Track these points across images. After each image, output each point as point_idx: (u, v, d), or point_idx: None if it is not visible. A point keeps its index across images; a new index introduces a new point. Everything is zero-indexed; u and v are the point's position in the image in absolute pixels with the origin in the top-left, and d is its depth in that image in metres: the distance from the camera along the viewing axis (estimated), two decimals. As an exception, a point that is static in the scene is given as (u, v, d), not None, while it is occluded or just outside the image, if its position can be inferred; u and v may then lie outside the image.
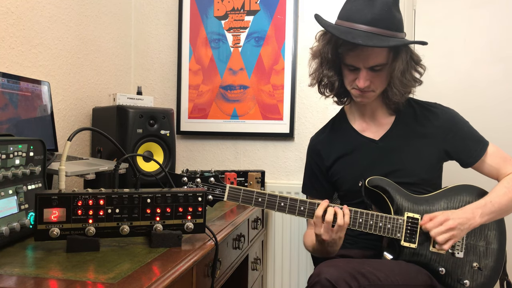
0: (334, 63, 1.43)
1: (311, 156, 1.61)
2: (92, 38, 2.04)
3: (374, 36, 1.30)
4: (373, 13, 1.32)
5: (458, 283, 1.34)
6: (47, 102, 1.57)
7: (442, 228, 1.28)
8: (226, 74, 2.30)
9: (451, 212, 1.32)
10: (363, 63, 1.36)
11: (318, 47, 1.45)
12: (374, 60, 1.35)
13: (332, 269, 1.16)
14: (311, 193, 1.63)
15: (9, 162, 1.01)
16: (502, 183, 1.42)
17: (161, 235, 1.04)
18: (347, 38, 1.30)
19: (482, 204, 1.34)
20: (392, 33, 1.33)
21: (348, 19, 1.35)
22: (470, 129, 1.48)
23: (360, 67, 1.37)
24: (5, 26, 1.54)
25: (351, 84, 1.42)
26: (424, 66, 1.43)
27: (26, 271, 0.85)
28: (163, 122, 1.82)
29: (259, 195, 1.31)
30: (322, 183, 1.58)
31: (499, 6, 2.15)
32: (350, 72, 1.41)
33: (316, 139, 1.62)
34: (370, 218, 1.33)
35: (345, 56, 1.39)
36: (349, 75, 1.41)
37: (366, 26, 1.31)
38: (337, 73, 1.45)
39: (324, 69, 1.45)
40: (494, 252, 1.39)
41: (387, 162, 1.45)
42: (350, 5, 1.38)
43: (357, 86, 1.39)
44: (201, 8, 2.32)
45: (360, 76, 1.37)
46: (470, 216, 1.31)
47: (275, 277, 2.20)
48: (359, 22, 1.33)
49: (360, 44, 1.29)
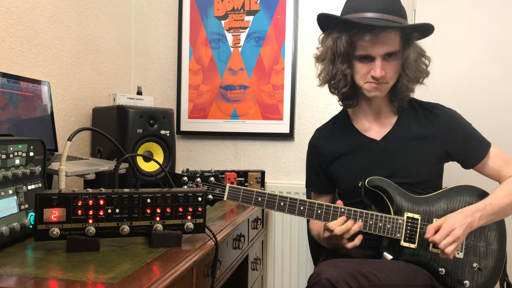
0: (347, 55, 1.41)
1: (311, 151, 1.61)
2: (92, 38, 2.04)
3: (388, 22, 1.33)
4: (383, 1, 1.34)
5: (458, 284, 1.34)
6: (47, 102, 1.57)
7: (450, 239, 1.25)
8: (226, 74, 2.30)
9: (453, 218, 1.30)
10: (378, 50, 1.36)
11: (327, 45, 1.43)
12: (388, 47, 1.36)
13: (332, 269, 1.16)
14: (311, 188, 1.65)
15: (9, 162, 1.01)
16: (503, 185, 1.42)
17: (161, 235, 1.04)
18: (364, 22, 1.31)
19: (482, 207, 1.33)
20: (403, 20, 1.36)
21: (358, 10, 1.36)
22: (472, 131, 1.48)
23: (375, 56, 1.37)
24: (5, 26, 1.54)
25: (364, 77, 1.41)
26: (429, 57, 1.45)
27: (26, 271, 0.85)
28: (163, 122, 1.82)
29: (259, 195, 1.31)
30: (321, 178, 1.59)
31: (499, 6, 2.15)
32: (363, 64, 1.40)
33: (317, 135, 1.62)
34: (369, 218, 1.33)
35: (359, 46, 1.37)
36: (362, 68, 1.40)
37: (378, 14, 1.33)
38: (350, 66, 1.43)
39: (336, 63, 1.42)
40: (494, 253, 1.39)
41: (388, 163, 1.45)
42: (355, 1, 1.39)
43: (371, 79, 1.39)
44: (201, 8, 2.32)
45: (376, 65, 1.37)
46: (471, 220, 1.30)
47: (275, 277, 2.20)
48: (370, 11, 1.34)
49: (378, 25, 1.31)
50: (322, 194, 1.63)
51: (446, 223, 1.28)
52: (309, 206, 1.32)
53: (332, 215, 1.33)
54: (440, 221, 1.30)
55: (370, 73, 1.39)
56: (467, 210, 1.32)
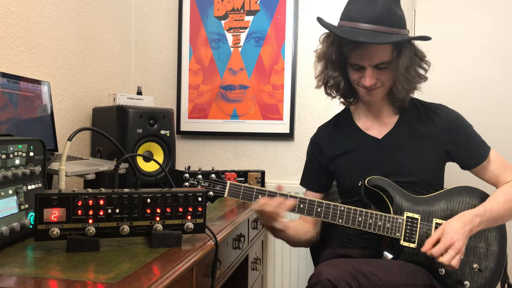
0: (338, 63, 1.43)
1: (312, 149, 1.61)
2: (92, 38, 2.04)
3: (377, 34, 1.31)
4: (374, 11, 1.32)
5: (458, 284, 1.34)
6: (47, 102, 1.57)
7: (452, 253, 1.22)
8: (226, 74, 2.30)
9: (451, 227, 1.27)
10: (368, 61, 1.36)
11: (323, 49, 1.45)
12: (378, 58, 1.35)
13: (332, 269, 1.16)
14: (306, 185, 1.64)
15: (9, 162, 1.01)
16: (501, 190, 1.41)
17: (161, 235, 1.04)
18: (349, 37, 1.31)
19: (481, 212, 1.32)
20: (395, 30, 1.34)
21: (350, 19, 1.36)
22: (474, 133, 1.48)
23: (365, 66, 1.37)
24: (5, 26, 1.54)
25: (357, 82, 1.42)
26: (429, 62, 1.43)
27: (26, 271, 0.85)
28: (163, 122, 1.82)
29: (259, 192, 1.32)
30: (318, 177, 1.58)
31: (499, 6, 2.15)
32: (355, 71, 1.41)
33: (319, 133, 1.62)
34: (369, 217, 1.33)
35: (349, 56, 1.39)
36: (354, 74, 1.41)
37: (368, 25, 1.32)
38: (342, 73, 1.45)
39: (329, 70, 1.45)
40: (494, 254, 1.38)
41: (389, 161, 1.45)
42: (351, 6, 1.38)
43: (363, 85, 1.40)
44: (201, 8, 2.32)
45: (366, 75, 1.37)
46: (471, 227, 1.28)
47: (275, 277, 2.20)
48: (361, 21, 1.33)
49: (363, 42, 1.29)
50: (315, 192, 1.61)
51: (445, 235, 1.25)
52: (308, 204, 1.33)
53: (332, 213, 1.33)
54: (438, 233, 1.27)
55: (361, 79, 1.40)
56: (466, 215, 1.30)
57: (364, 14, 1.33)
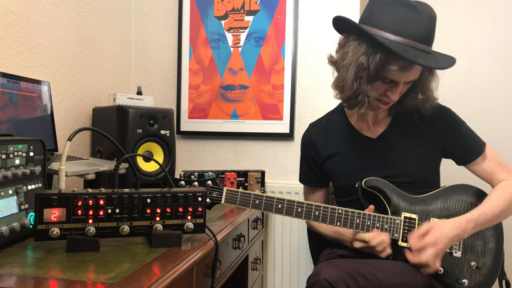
0: (375, 76, 1.30)
1: (306, 146, 1.60)
2: (92, 38, 2.04)
3: (428, 55, 1.27)
4: (424, 28, 1.27)
5: (456, 283, 1.35)
6: (47, 102, 1.57)
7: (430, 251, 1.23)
8: (226, 74, 2.30)
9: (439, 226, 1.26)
10: (405, 78, 1.32)
11: (355, 57, 1.31)
12: (413, 76, 1.34)
13: (331, 270, 1.16)
14: (306, 182, 1.64)
15: (9, 162, 1.01)
16: (495, 191, 1.40)
17: (161, 235, 1.04)
18: (411, 58, 1.22)
19: (475, 217, 1.31)
20: (431, 48, 1.31)
21: (397, 33, 1.25)
22: (468, 128, 1.48)
23: (399, 82, 1.32)
24: (5, 26, 1.54)
25: (380, 95, 1.36)
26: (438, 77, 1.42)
27: (26, 271, 0.85)
28: (163, 122, 1.83)
29: (256, 198, 1.32)
30: (315, 173, 1.59)
31: (499, 7, 2.15)
32: (384, 84, 1.33)
33: (311, 129, 1.61)
34: (367, 218, 1.33)
35: (389, 71, 1.29)
36: (381, 87, 1.34)
37: (420, 44, 1.26)
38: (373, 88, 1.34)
39: (362, 84, 1.32)
40: (491, 251, 1.39)
41: (384, 161, 1.46)
42: (391, 15, 1.27)
43: (385, 98, 1.36)
44: (201, 8, 2.32)
45: (397, 90, 1.33)
46: (459, 232, 1.27)
47: (275, 277, 2.21)
48: (411, 38, 1.25)
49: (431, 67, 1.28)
50: (316, 187, 1.62)
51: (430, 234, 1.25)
52: (306, 208, 1.33)
53: (330, 217, 1.33)
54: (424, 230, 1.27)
55: (386, 93, 1.35)
56: (460, 220, 1.29)
57: (415, 31, 1.26)
